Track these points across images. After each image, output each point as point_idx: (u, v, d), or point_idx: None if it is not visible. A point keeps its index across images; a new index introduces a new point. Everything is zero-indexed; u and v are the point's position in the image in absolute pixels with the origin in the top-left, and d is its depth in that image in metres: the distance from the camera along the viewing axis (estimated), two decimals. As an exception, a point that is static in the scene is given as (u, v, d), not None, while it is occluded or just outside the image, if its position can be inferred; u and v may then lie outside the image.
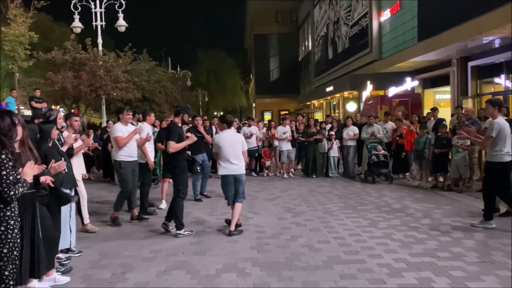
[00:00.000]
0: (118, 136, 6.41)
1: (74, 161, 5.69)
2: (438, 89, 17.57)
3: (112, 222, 6.46)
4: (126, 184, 6.47)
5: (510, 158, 5.72)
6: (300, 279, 4.13)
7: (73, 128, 5.86)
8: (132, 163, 6.56)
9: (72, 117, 5.94)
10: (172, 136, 5.75)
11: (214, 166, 12.35)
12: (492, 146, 5.74)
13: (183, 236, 5.68)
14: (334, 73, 28.65)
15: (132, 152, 6.56)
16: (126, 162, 6.46)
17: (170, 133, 5.81)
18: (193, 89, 36.35)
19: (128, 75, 16.56)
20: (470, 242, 5.15)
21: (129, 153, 6.49)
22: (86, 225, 6.01)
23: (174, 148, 5.71)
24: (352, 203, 7.69)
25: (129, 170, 6.50)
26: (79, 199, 5.79)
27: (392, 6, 19.87)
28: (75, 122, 5.90)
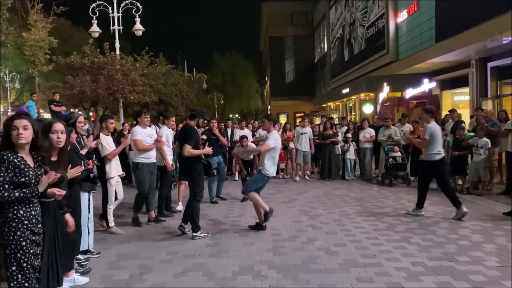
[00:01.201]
0: (138, 139, 6.53)
1: (110, 163, 5.96)
2: (457, 91, 17.33)
3: (133, 222, 6.59)
4: (142, 185, 6.58)
5: (441, 157, 6.64)
6: (317, 282, 4.11)
7: (109, 130, 6.12)
8: (150, 165, 6.67)
9: (108, 120, 6.20)
10: (189, 140, 5.80)
11: (230, 169, 12.46)
12: (427, 147, 6.60)
13: (200, 238, 5.72)
14: (350, 75, 28.49)
15: (150, 155, 6.67)
16: (144, 164, 6.58)
17: (187, 137, 5.85)
18: (208, 92, 36.61)
19: (145, 79, 16.76)
20: (490, 246, 5.05)
21: (147, 156, 6.61)
22: (111, 227, 6.13)
23: (190, 153, 5.77)
24: (369, 206, 7.63)
25: (146, 171, 6.60)
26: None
27: (409, 6, 19.68)
28: (110, 124, 6.16)
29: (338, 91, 28.87)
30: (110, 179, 5.99)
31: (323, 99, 37.15)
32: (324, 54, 40.42)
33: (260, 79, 57.72)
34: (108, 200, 6.05)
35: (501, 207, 7.07)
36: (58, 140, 3.39)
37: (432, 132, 6.56)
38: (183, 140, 5.93)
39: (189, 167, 5.94)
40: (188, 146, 5.76)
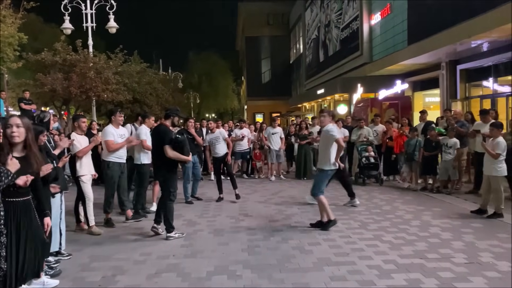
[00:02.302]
0: (109, 140, 6.43)
1: (81, 161, 5.86)
2: (428, 92, 17.75)
3: (105, 224, 6.47)
4: (111, 184, 6.52)
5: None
6: (291, 281, 4.15)
7: (82, 129, 6.01)
8: (120, 164, 6.60)
9: (80, 119, 6.09)
10: (166, 141, 5.70)
11: (205, 169, 12.40)
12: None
13: (174, 238, 5.67)
14: (325, 76, 28.80)
15: (121, 154, 6.62)
16: (115, 163, 6.51)
17: (164, 138, 5.75)
18: (184, 91, 36.27)
19: (119, 77, 16.48)
20: (459, 244, 5.21)
21: (118, 155, 6.54)
22: (91, 227, 6.03)
23: (173, 155, 5.68)
24: (343, 205, 7.74)
25: (117, 171, 6.53)
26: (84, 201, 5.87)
27: (382, 9, 20.04)
28: (82, 123, 6.06)
29: (313, 92, 29.14)
30: (81, 177, 5.88)
31: (298, 99, 37.41)
32: (299, 55, 40.74)
33: (237, 79, 57.65)
34: (86, 199, 5.94)
35: (469, 205, 7.30)
36: (12, 133, 3.22)
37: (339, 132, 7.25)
38: (158, 141, 5.82)
39: (163, 167, 5.87)
40: (168, 147, 5.67)
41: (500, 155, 6.37)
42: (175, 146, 5.71)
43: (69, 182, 7.41)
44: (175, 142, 5.72)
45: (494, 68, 13.02)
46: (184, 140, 5.88)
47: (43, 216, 3.40)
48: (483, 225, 6.07)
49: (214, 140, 8.63)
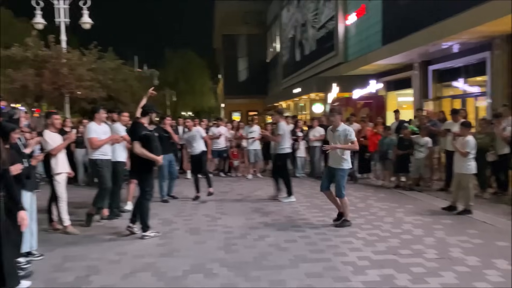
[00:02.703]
0: (93, 137, 6.33)
1: (57, 159, 5.73)
2: (401, 92, 18.11)
3: (87, 216, 6.37)
4: (105, 180, 6.43)
5: (289, 151, 8.34)
6: (267, 278, 4.18)
7: (55, 127, 5.85)
8: (107, 161, 6.53)
9: (53, 116, 5.93)
10: (136, 136, 5.65)
11: (182, 167, 12.30)
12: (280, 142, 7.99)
13: (150, 237, 5.62)
14: (302, 75, 29.00)
15: (106, 151, 6.54)
16: (103, 159, 6.44)
17: (135, 133, 5.71)
18: (160, 88, 35.85)
19: (93, 74, 16.16)
20: (430, 240, 5.36)
21: (103, 151, 6.47)
22: (66, 227, 5.91)
23: (140, 152, 5.62)
24: (318, 203, 7.83)
25: (106, 166, 6.47)
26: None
27: (357, 10, 20.32)
28: (56, 120, 5.90)
29: (289, 91, 29.29)
30: (56, 176, 5.75)
31: (275, 98, 37.53)
32: (276, 54, 40.87)
33: (214, 77, 57.39)
34: (59, 198, 5.82)
35: (440, 202, 7.51)
36: None
37: (285, 130, 8.09)
38: (132, 138, 5.79)
39: (139, 166, 5.80)
40: (137, 143, 5.62)
41: (469, 153, 6.58)
42: (143, 143, 5.64)
43: (42, 181, 7.25)
44: (144, 138, 5.64)
45: (464, 69, 13.41)
46: (152, 136, 5.79)
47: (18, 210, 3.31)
48: (453, 221, 6.26)
49: (191, 138, 8.58)
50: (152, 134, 5.85)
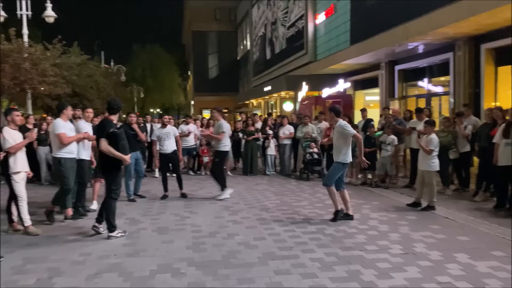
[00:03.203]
0: (62, 132, 6.11)
1: (15, 158, 5.53)
2: (368, 91, 18.51)
3: (46, 215, 6.20)
4: (68, 181, 6.24)
5: (229, 149, 8.50)
6: (236, 276, 4.17)
7: (15, 124, 5.66)
8: (72, 160, 6.33)
9: (13, 112, 5.70)
10: (103, 133, 5.50)
11: (149, 165, 12.10)
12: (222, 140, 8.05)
13: (116, 238, 5.49)
14: (272, 73, 29.15)
15: (72, 149, 6.33)
16: (67, 158, 6.22)
17: (102, 130, 5.56)
18: (128, 84, 35.11)
19: (57, 69, 15.65)
20: (395, 235, 5.49)
21: (69, 150, 6.26)
22: (27, 227, 5.70)
23: (106, 149, 5.47)
24: (288, 200, 7.89)
25: (70, 166, 6.26)
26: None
27: (327, 9, 20.58)
28: (16, 117, 5.69)
29: (260, 89, 29.39)
30: (14, 175, 5.53)
31: (246, 96, 37.59)
32: (247, 51, 40.90)
33: (183, 74, 56.73)
34: (19, 198, 5.61)
35: (405, 199, 7.71)
36: None
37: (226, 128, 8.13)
38: (99, 135, 5.64)
39: (106, 164, 5.65)
40: (103, 140, 5.47)
41: (433, 151, 6.78)
42: (110, 141, 5.50)
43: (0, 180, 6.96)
44: (111, 136, 5.51)
45: (429, 69, 13.84)
46: (119, 134, 5.64)
47: None
48: (417, 217, 6.44)
49: (164, 136, 8.42)
50: (120, 132, 5.71)
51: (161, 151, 8.48)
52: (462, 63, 11.66)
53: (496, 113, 7.20)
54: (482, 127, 7.73)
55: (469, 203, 7.29)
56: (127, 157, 5.72)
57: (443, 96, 13.39)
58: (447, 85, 13.10)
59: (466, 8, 9.41)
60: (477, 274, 4.12)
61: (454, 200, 7.60)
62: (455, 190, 8.31)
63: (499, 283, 3.89)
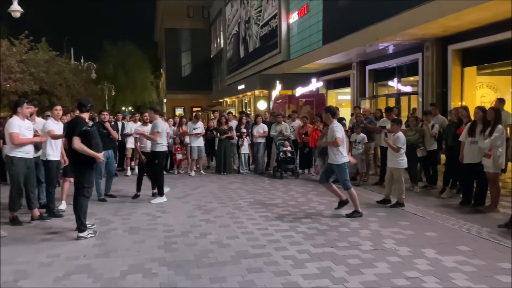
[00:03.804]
0: (14, 132, 5.87)
1: None
2: (340, 90, 18.79)
3: (11, 222, 6.00)
4: (16, 180, 6.00)
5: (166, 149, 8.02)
6: (208, 275, 4.15)
7: None
8: (26, 160, 6.08)
9: None
10: (76, 131, 5.39)
11: (121, 164, 11.89)
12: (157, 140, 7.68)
13: (85, 239, 5.38)
14: (246, 72, 29.15)
15: (28, 149, 6.10)
16: (20, 158, 5.98)
17: (75, 128, 5.43)
18: (98, 82, 34.36)
19: (24, 65, 15.18)
20: (366, 232, 5.59)
21: (23, 150, 6.02)
22: None
23: (79, 148, 5.37)
24: (261, 198, 7.91)
25: (22, 166, 6.01)
26: None
27: (299, 9, 20.74)
28: None
29: (234, 87, 29.35)
30: None
31: (220, 94, 37.45)
32: (220, 49, 40.74)
33: (156, 71, 56.01)
34: None
35: (375, 196, 7.87)
36: None
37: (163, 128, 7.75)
38: (71, 134, 5.47)
39: (79, 161, 5.52)
40: (76, 138, 5.37)
41: (400, 148, 6.95)
42: (83, 139, 5.42)
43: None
44: (84, 134, 5.42)
45: (398, 69, 14.16)
46: (92, 132, 5.58)
47: None
48: (386, 213, 6.58)
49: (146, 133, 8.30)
50: (93, 130, 5.63)
51: (141, 149, 8.36)
52: (430, 63, 11.98)
53: (461, 113, 7.43)
54: (449, 126, 7.97)
55: (436, 200, 7.51)
56: (101, 155, 5.67)
57: (412, 96, 13.73)
58: (416, 85, 13.44)
59: (434, 10, 9.68)
60: (444, 268, 4.25)
61: (422, 196, 7.81)
62: (423, 187, 8.54)
63: (465, 277, 4.02)
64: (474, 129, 6.63)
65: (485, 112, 6.53)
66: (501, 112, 6.67)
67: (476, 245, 4.92)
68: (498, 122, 6.27)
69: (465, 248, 4.84)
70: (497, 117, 6.31)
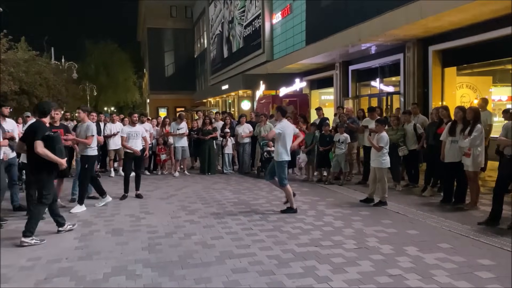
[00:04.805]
0: None
1: None
2: (324, 90, 18.92)
3: None
4: None
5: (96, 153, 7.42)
6: (193, 276, 4.13)
7: None
8: None
9: None
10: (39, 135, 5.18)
11: (103, 165, 11.74)
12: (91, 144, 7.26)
13: (29, 245, 5.10)
14: (230, 72, 29.11)
15: None
16: None
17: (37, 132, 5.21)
18: (80, 82, 33.85)
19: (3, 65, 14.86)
20: (349, 231, 5.65)
21: None
22: None
23: (43, 152, 5.16)
24: (245, 198, 7.91)
25: None
26: None
27: (283, 9, 20.81)
28: None
29: (218, 87, 29.27)
30: None
31: (203, 94, 37.31)
32: (204, 49, 40.58)
33: (138, 71, 55.48)
34: None
35: (358, 195, 7.95)
36: None
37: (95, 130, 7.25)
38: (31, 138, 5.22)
39: (38, 166, 5.29)
40: (39, 142, 5.15)
41: (383, 148, 7.04)
42: (46, 143, 5.20)
43: None
44: (46, 138, 5.21)
45: (381, 70, 14.33)
46: (55, 137, 5.35)
47: None
48: (370, 212, 6.66)
49: (133, 134, 8.20)
50: (56, 135, 5.39)
51: (127, 151, 8.27)
52: (411, 64, 12.17)
53: (442, 112, 7.56)
54: (430, 126, 8.10)
55: (418, 198, 7.63)
56: (64, 160, 5.44)
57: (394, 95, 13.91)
58: (398, 85, 13.62)
59: (415, 11, 9.83)
60: (426, 266, 4.32)
61: (404, 195, 7.92)
62: (405, 186, 8.66)
63: (446, 273, 4.10)
64: (455, 129, 6.75)
65: (464, 112, 6.66)
66: (480, 111, 6.81)
67: (456, 242, 5.02)
68: (477, 121, 6.40)
69: (446, 245, 4.93)
70: (476, 116, 6.44)
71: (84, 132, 7.20)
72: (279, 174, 6.77)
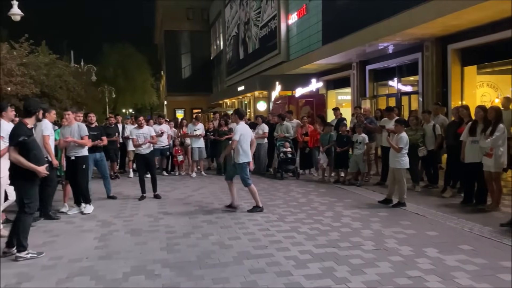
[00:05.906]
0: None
1: None
2: (340, 90, 18.76)
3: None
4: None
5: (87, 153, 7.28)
6: (211, 276, 4.15)
7: None
8: None
9: None
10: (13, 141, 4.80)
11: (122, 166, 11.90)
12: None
13: (25, 259, 4.72)
14: (245, 73, 29.14)
15: None
16: None
17: (12, 137, 4.85)
18: (99, 84, 34.37)
19: (24, 69, 15.20)
20: (368, 232, 5.59)
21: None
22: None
23: (15, 159, 4.74)
24: (262, 199, 7.87)
25: None
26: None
27: (299, 9, 20.74)
28: None
29: (233, 89, 29.32)
30: None
31: (219, 95, 37.43)
32: (220, 51, 40.73)
33: (156, 73, 56.05)
34: None
35: (376, 196, 7.87)
36: None
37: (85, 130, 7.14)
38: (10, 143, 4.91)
39: (16, 173, 4.87)
40: (13, 149, 4.75)
41: (402, 149, 6.95)
42: (21, 150, 4.78)
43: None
44: (20, 144, 4.78)
45: (398, 69, 14.14)
46: (30, 143, 4.86)
47: None
48: (388, 213, 6.58)
49: (141, 136, 8.31)
50: (30, 140, 4.88)
51: (138, 152, 8.37)
52: (430, 63, 11.97)
53: (462, 112, 7.43)
54: (449, 126, 7.96)
55: (437, 199, 7.51)
56: (42, 168, 4.90)
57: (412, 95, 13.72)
58: (416, 85, 13.43)
59: (433, 9, 9.67)
60: (446, 267, 4.25)
61: (424, 196, 7.80)
62: (425, 186, 8.54)
63: (467, 275, 4.02)
64: (475, 129, 6.63)
65: (486, 111, 6.53)
66: (501, 111, 6.67)
67: (478, 244, 4.92)
68: (499, 121, 6.27)
69: (467, 247, 4.84)
70: (498, 116, 6.31)
71: (77, 133, 7.03)
72: (241, 176, 6.97)
